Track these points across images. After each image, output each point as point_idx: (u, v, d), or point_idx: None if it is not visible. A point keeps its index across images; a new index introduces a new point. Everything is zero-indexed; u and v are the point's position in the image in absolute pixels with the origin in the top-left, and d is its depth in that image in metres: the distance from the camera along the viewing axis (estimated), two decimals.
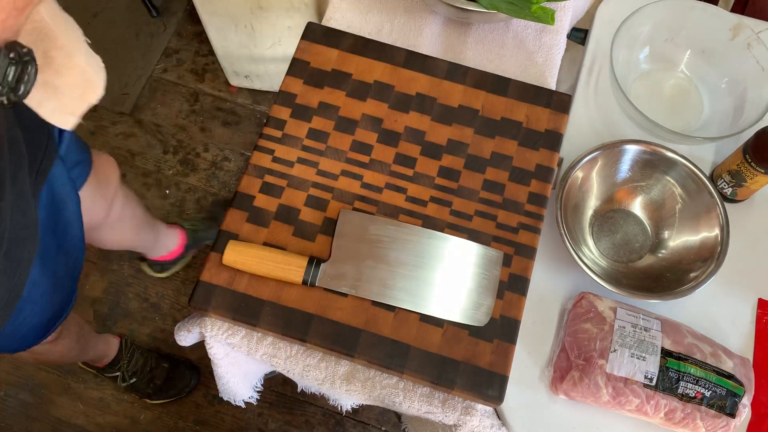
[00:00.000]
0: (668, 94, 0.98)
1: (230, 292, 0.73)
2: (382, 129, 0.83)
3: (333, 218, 0.77)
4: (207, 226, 1.55)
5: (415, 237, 0.76)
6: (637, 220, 0.89)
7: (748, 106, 0.90)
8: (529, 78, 0.92)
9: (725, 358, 0.75)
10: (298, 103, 0.84)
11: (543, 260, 0.84)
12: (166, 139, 1.74)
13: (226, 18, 1.47)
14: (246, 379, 0.92)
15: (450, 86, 0.86)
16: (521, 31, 0.95)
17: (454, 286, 0.75)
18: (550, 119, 0.84)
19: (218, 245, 0.75)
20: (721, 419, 0.72)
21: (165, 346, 1.52)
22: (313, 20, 1.22)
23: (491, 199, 0.80)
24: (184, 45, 1.86)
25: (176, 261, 1.53)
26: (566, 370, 0.75)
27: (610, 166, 0.87)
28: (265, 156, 0.81)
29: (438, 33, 0.95)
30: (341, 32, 0.88)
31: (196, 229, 1.53)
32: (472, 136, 0.83)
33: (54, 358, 1.08)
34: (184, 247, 1.51)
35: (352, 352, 0.71)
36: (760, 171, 0.81)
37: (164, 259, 1.50)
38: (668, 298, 0.78)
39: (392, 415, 1.47)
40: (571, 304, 0.80)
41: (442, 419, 0.74)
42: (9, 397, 1.47)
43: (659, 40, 0.97)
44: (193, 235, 1.52)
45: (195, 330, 0.77)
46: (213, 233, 1.55)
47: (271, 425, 1.46)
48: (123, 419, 1.46)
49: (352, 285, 0.74)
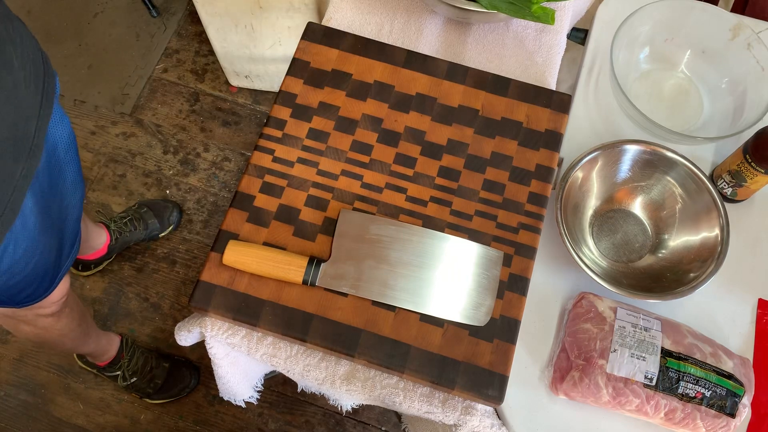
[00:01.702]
0: (668, 94, 0.98)
1: (230, 292, 0.73)
2: (382, 129, 0.83)
3: (333, 218, 0.77)
4: (133, 228, 1.54)
5: (416, 237, 0.76)
6: (637, 220, 0.89)
7: (748, 106, 0.90)
8: (529, 78, 0.92)
9: (725, 358, 0.75)
10: (298, 103, 0.84)
11: (543, 260, 0.84)
12: (166, 139, 1.74)
13: (226, 18, 1.48)
14: (246, 379, 0.92)
15: (450, 86, 0.86)
16: (521, 31, 0.95)
17: (454, 286, 0.75)
18: (550, 119, 0.84)
19: (218, 245, 0.75)
20: (721, 419, 0.72)
21: (165, 346, 1.52)
22: (313, 20, 1.22)
23: (491, 199, 0.80)
24: (184, 45, 1.86)
25: (100, 261, 1.53)
26: (566, 370, 0.75)
27: (610, 166, 0.87)
28: (265, 156, 0.81)
29: (438, 33, 0.95)
30: (341, 32, 0.88)
31: (121, 230, 1.52)
32: (472, 136, 0.83)
33: (54, 336, 1.07)
34: (108, 248, 1.50)
35: (352, 352, 0.71)
36: (760, 171, 0.81)
37: (88, 258, 1.50)
38: (668, 298, 0.78)
39: (392, 415, 1.47)
40: (571, 304, 0.80)
41: (442, 419, 0.74)
42: (9, 397, 1.47)
43: (659, 40, 0.97)
44: (118, 237, 1.51)
45: (195, 330, 0.77)
46: (139, 235, 1.55)
47: (271, 425, 1.46)
48: (123, 419, 1.46)
49: (352, 285, 0.74)
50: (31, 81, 0.74)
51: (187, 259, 1.61)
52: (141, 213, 1.56)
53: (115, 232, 1.50)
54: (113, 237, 1.50)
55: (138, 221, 1.54)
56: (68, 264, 0.94)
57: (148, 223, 1.55)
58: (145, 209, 1.57)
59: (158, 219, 1.57)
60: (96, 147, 1.72)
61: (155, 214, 1.57)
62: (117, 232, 1.51)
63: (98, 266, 1.55)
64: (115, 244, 1.51)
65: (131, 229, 1.53)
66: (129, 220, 1.53)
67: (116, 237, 1.50)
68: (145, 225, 1.55)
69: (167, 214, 1.59)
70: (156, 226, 1.57)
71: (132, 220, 1.53)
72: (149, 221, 1.55)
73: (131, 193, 1.67)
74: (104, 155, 1.71)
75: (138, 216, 1.55)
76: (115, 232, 1.50)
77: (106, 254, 1.52)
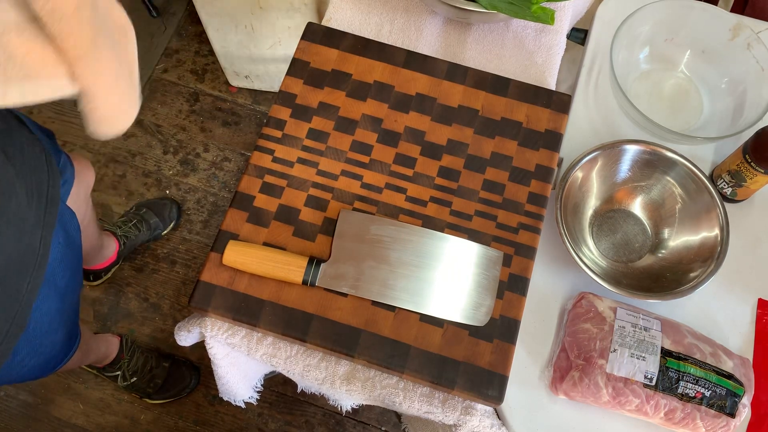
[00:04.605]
0: (668, 94, 0.98)
1: (230, 292, 0.74)
2: (382, 129, 0.83)
3: (333, 218, 0.77)
4: (138, 231, 1.54)
5: (415, 237, 0.76)
6: (637, 220, 0.89)
7: (748, 106, 0.90)
8: (529, 78, 0.92)
9: (725, 358, 0.75)
10: (298, 103, 0.84)
11: (543, 260, 0.84)
12: (166, 139, 1.74)
13: (226, 18, 1.48)
14: (246, 379, 0.92)
15: (450, 86, 0.86)
16: (521, 31, 0.95)
17: (454, 286, 0.75)
18: (550, 119, 0.84)
19: (218, 245, 0.75)
20: (720, 419, 0.72)
21: (165, 346, 1.52)
22: (313, 20, 1.22)
23: (491, 199, 0.80)
24: (184, 45, 1.86)
25: (109, 269, 1.54)
26: (566, 370, 0.75)
27: (610, 166, 0.87)
28: (265, 156, 0.81)
29: (438, 33, 0.95)
30: (341, 32, 0.88)
31: (128, 235, 1.52)
32: (472, 136, 0.83)
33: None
34: (117, 254, 1.51)
35: (352, 352, 0.71)
36: (760, 171, 0.81)
37: (98, 268, 1.50)
38: (668, 298, 0.78)
39: (392, 415, 1.47)
40: (571, 304, 0.80)
41: (442, 419, 0.74)
42: (9, 397, 1.47)
43: (659, 40, 0.97)
44: (126, 242, 1.51)
45: (195, 330, 0.77)
46: (144, 236, 1.55)
47: (271, 425, 1.46)
48: (123, 419, 1.46)
49: (352, 285, 0.74)
50: (34, 196, 0.74)
51: (187, 259, 1.61)
52: (141, 214, 1.56)
53: (122, 238, 1.50)
54: (121, 242, 1.50)
55: (141, 223, 1.54)
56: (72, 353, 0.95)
57: (151, 223, 1.55)
58: (144, 210, 1.57)
59: (159, 218, 1.58)
60: (96, 147, 1.72)
61: (155, 213, 1.58)
62: (124, 237, 1.51)
63: (108, 273, 1.55)
64: (124, 249, 1.52)
65: (137, 232, 1.53)
66: (133, 224, 1.53)
67: (124, 242, 1.50)
68: (147, 225, 1.55)
69: (167, 212, 1.60)
70: (158, 224, 1.57)
71: (136, 224, 1.53)
72: (151, 221, 1.56)
73: (131, 194, 1.67)
74: (104, 155, 1.71)
75: (140, 218, 1.55)
76: (122, 237, 1.50)
77: (115, 261, 1.52)
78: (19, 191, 0.71)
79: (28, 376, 0.88)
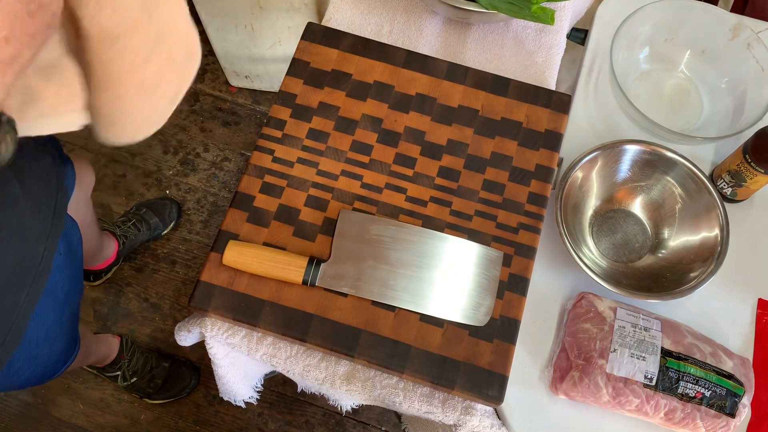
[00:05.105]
0: (668, 94, 0.98)
1: (230, 292, 0.73)
2: (382, 129, 0.83)
3: (333, 218, 0.77)
4: (137, 230, 1.54)
5: (415, 237, 0.76)
6: (637, 220, 0.89)
7: (748, 106, 0.90)
8: (529, 78, 0.92)
9: (725, 358, 0.75)
10: (298, 103, 0.84)
11: (543, 260, 0.84)
12: (166, 139, 1.74)
13: (226, 18, 1.47)
14: (246, 379, 0.92)
15: (450, 86, 0.86)
16: (521, 31, 0.95)
17: (454, 286, 0.75)
18: (550, 119, 0.84)
19: (218, 245, 0.75)
20: (721, 419, 0.72)
21: (165, 346, 1.52)
22: (313, 20, 1.22)
23: (491, 199, 0.80)
24: None
25: (109, 269, 1.53)
26: (566, 370, 0.75)
27: (610, 166, 0.87)
28: (265, 156, 0.81)
29: (438, 33, 0.95)
30: (341, 32, 0.88)
31: (127, 234, 1.52)
32: (472, 136, 0.83)
33: None
34: (117, 254, 1.51)
35: (352, 352, 0.71)
36: (760, 171, 0.81)
37: (99, 268, 1.50)
38: (668, 298, 0.78)
39: (392, 415, 1.47)
40: (571, 304, 0.80)
41: (442, 419, 0.74)
42: (9, 397, 1.47)
43: (659, 40, 0.97)
44: (125, 242, 1.51)
45: (195, 330, 0.77)
46: (143, 236, 1.55)
47: (271, 425, 1.46)
48: (123, 419, 1.46)
49: (352, 285, 0.74)
50: (41, 207, 0.74)
51: (187, 259, 1.61)
52: (141, 214, 1.56)
53: (121, 237, 1.50)
54: (121, 242, 1.50)
55: (141, 222, 1.54)
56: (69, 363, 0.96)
57: (151, 223, 1.55)
58: (144, 210, 1.57)
59: (159, 218, 1.57)
60: (96, 147, 1.72)
61: (155, 213, 1.58)
62: (123, 237, 1.51)
63: (107, 274, 1.55)
64: (123, 249, 1.52)
65: (136, 232, 1.53)
66: (132, 223, 1.53)
67: (123, 242, 1.50)
68: (147, 225, 1.55)
69: (167, 212, 1.60)
70: (158, 224, 1.57)
71: (135, 223, 1.53)
72: (151, 221, 1.56)
73: (131, 194, 1.67)
74: (104, 155, 1.71)
75: (140, 217, 1.55)
76: (121, 237, 1.50)
77: (114, 261, 1.52)
78: (23, 206, 0.71)
79: (26, 385, 0.88)
